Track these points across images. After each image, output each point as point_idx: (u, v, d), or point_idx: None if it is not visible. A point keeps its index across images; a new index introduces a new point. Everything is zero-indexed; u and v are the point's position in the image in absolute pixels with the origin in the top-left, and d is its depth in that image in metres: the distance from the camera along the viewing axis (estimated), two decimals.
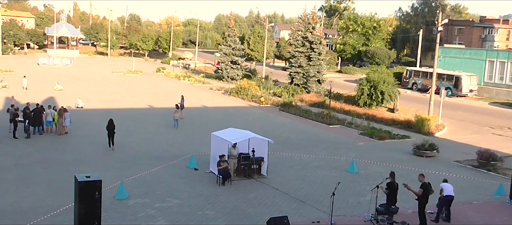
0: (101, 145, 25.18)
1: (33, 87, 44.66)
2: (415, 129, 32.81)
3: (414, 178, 21.20)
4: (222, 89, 51.99)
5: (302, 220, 15.50)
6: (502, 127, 36.38)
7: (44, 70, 62.75)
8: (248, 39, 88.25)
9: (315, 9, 59.14)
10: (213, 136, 20.77)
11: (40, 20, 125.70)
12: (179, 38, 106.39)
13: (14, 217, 14.79)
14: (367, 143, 28.65)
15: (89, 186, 11.35)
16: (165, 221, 15.06)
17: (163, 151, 24.40)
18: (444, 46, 65.19)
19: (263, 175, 20.32)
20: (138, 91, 47.81)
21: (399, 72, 63.27)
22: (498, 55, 58.92)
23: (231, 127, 23.01)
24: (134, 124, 31.44)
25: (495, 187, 19.93)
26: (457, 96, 51.82)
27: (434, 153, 25.76)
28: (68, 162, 21.44)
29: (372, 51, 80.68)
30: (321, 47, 52.51)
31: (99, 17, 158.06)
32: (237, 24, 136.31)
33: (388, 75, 47.41)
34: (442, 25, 36.82)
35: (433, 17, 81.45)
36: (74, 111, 32.61)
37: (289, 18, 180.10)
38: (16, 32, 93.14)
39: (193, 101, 43.31)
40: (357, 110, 39.05)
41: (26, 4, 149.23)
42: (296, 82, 51.84)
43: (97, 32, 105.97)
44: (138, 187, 18.06)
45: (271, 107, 41.78)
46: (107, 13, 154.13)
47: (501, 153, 25.39)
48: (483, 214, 17.01)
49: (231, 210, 16.22)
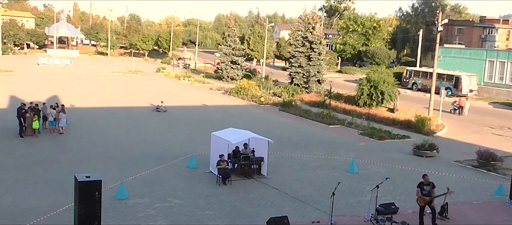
0: (101, 145, 25.20)
1: (33, 88, 44.66)
2: (415, 129, 32.80)
3: (414, 178, 21.23)
4: (222, 89, 51.99)
5: (302, 220, 15.50)
6: (502, 127, 36.37)
7: (44, 70, 62.76)
8: (248, 39, 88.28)
9: (315, 9, 59.20)
10: (213, 136, 20.77)
11: (40, 20, 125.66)
12: (179, 38, 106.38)
13: (14, 217, 14.79)
14: (367, 143, 28.65)
15: (89, 186, 11.35)
16: (165, 221, 15.05)
17: (163, 151, 24.40)
18: (444, 46, 65.19)
19: (263, 175, 20.31)
20: (138, 91, 47.79)
21: (399, 72, 63.30)
22: (498, 55, 58.92)
23: (231, 127, 23.02)
24: (134, 124, 31.45)
25: (495, 187, 19.92)
26: (457, 96, 51.81)
27: (434, 153, 25.76)
28: (68, 162, 21.43)
29: (372, 51, 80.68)
30: (321, 47, 52.52)
31: (99, 17, 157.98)
32: (237, 24, 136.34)
33: (388, 75, 47.40)
34: (442, 25, 36.83)
35: (433, 17, 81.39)
36: (74, 110, 32.58)
37: (289, 18, 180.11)
38: (16, 32, 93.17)
39: (192, 100, 43.35)
40: (357, 110, 39.05)
41: (26, 4, 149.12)
42: (296, 82, 51.84)
43: (97, 32, 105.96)
44: (138, 187, 18.06)
45: (271, 107, 41.78)
46: (107, 13, 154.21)
47: (502, 152, 25.37)
48: (483, 214, 17.00)
49: (231, 210, 16.22)
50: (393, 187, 19.42)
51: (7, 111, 33.09)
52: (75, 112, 33.14)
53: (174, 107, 38.24)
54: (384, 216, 15.28)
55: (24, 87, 45.73)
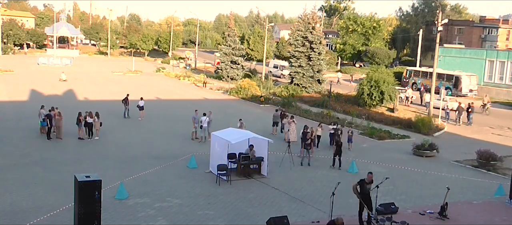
0: (101, 145, 25.19)
1: (32, 85, 44.66)
2: (415, 129, 32.79)
3: (414, 179, 21.32)
4: (222, 88, 51.97)
5: (302, 220, 15.50)
6: (502, 127, 36.36)
7: (44, 70, 62.74)
8: (248, 39, 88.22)
9: (315, 9, 59.50)
10: (213, 136, 20.79)
11: (40, 20, 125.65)
12: (179, 38, 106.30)
13: (14, 217, 14.79)
14: (367, 143, 28.63)
15: (89, 186, 11.33)
16: (165, 221, 15.06)
17: (163, 151, 24.39)
18: (444, 46, 65.16)
19: (263, 175, 20.32)
20: (138, 91, 47.74)
21: (399, 71, 63.26)
22: (498, 55, 58.91)
23: (231, 127, 23.01)
24: (133, 123, 31.44)
25: (495, 187, 19.93)
26: (457, 96, 51.78)
27: (434, 153, 25.76)
28: (68, 162, 21.43)
29: (372, 51, 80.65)
30: (321, 47, 52.52)
31: (99, 17, 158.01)
32: (237, 24, 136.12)
33: (388, 75, 47.40)
34: (442, 25, 36.86)
35: (433, 17, 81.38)
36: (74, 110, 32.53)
37: (289, 18, 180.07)
38: (16, 32, 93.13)
39: (192, 100, 43.32)
40: (357, 110, 39.05)
41: (26, 4, 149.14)
42: (296, 82, 51.84)
43: (97, 32, 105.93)
44: (138, 187, 18.06)
45: (271, 107, 41.74)
46: (107, 13, 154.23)
47: (502, 152, 25.35)
48: (483, 214, 17.00)
49: (231, 210, 16.22)
50: (393, 187, 19.42)
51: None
52: (75, 112, 33.05)
53: (174, 107, 38.22)
54: (384, 216, 15.28)
55: (24, 87, 45.71)
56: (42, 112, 26.82)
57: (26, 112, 32.58)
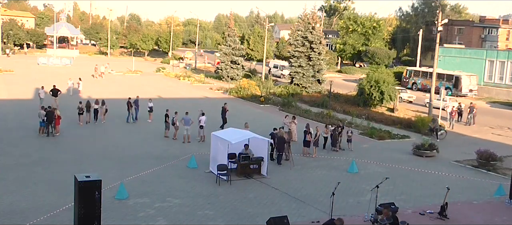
0: (101, 145, 25.18)
1: (32, 85, 44.62)
2: (415, 129, 32.79)
3: (414, 179, 21.31)
4: (222, 88, 51.97)
5: (302, 220, 15.51)
6: (502, 127, 36.37)
7: (44, 70, 62.69)
8: (248, 39, 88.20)
9: (315, 9, 59.49)
10: (213, 136, 20.78)
11: (40, 20, 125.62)
12: (179, 38, 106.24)
13: (13, 217, 14.79)
14: (367, 143, 28.63)
15: (89, 186, 11.34)
16: (165, 221, 15.06)
17: (163, 151, 24.38)
18: (444, 46, 65.20)
19: (263, 175, 20.32)
20: (137, 91, 47.69)
21: (399, 71, 63.28)
22: (498, 55, 58.95)
23: (231, 127, 22.99)
24: (134, 124, 31.43)
25: (494, 187, 19.93)
26: (457, 96, 51.81)
27: (434, 153, 25.76)
28: (68, 162, 21.42)
29: (372, 51, 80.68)
30: (321, 47, 52.52)
31: (99, 17, 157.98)
32: (237, 24, 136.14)
33: (388, 75, 47.41)
34: (442, 25, 36.81)
35: (433, 17, 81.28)
36: (74, 110, 32.54)
37: (289, 18, 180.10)
38: (16, 32, 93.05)
39: (192, 100, 43.28)
40: (357, 110, 39.05)
41: (26, 4, 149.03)
42: (296, 82, 51.84)
43: (97, 32, 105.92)
44: (138, 187, 18.06)
45: (271, 107, 41.76)
46: (107, 13, 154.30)
47: (502, 152, 25.36)
48: (483, 214, 17.01)
49: (231, 210, 16.23)
50: (392, 187, 19.43)
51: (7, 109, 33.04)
52: (75, 111, 33.05)
53: (174, 107, 38.05)
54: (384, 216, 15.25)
55: (24, 87, 45.69)
56: (42, 112, 26.82)
57: (26, 112, 32.54)
